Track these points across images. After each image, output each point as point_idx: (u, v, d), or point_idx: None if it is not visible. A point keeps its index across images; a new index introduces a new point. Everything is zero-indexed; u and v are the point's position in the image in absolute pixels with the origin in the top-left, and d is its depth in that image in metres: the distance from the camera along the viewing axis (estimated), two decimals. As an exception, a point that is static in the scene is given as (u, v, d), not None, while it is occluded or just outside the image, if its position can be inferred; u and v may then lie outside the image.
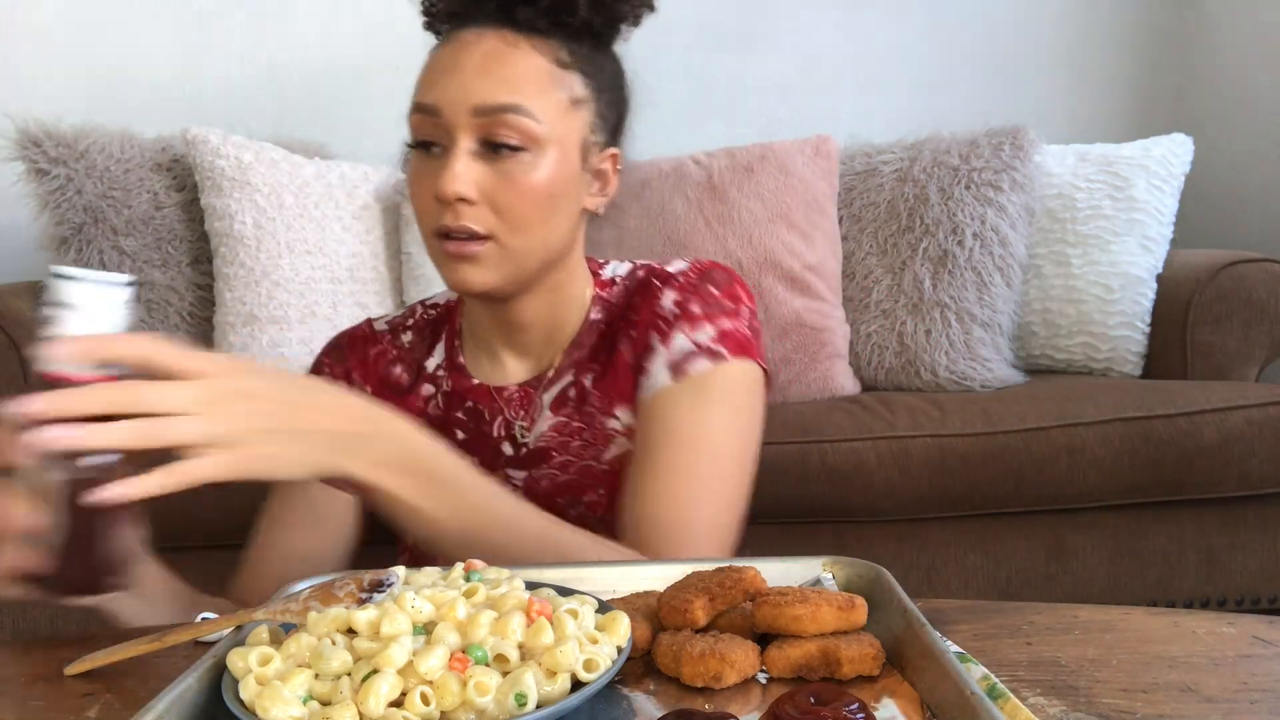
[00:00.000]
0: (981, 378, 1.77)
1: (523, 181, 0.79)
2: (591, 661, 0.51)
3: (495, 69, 0.79)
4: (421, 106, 0.81)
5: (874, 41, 2.39)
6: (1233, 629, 0.63)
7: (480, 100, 0.78)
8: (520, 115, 0.78)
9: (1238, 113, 2.25)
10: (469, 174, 0.78)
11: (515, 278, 0.83)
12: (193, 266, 1.85)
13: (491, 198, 0.79)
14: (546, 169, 0.80)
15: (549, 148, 0.80)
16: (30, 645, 0.67)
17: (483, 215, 0.79)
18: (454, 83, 0.79)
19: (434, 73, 0.81)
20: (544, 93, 0.80)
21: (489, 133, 0.78)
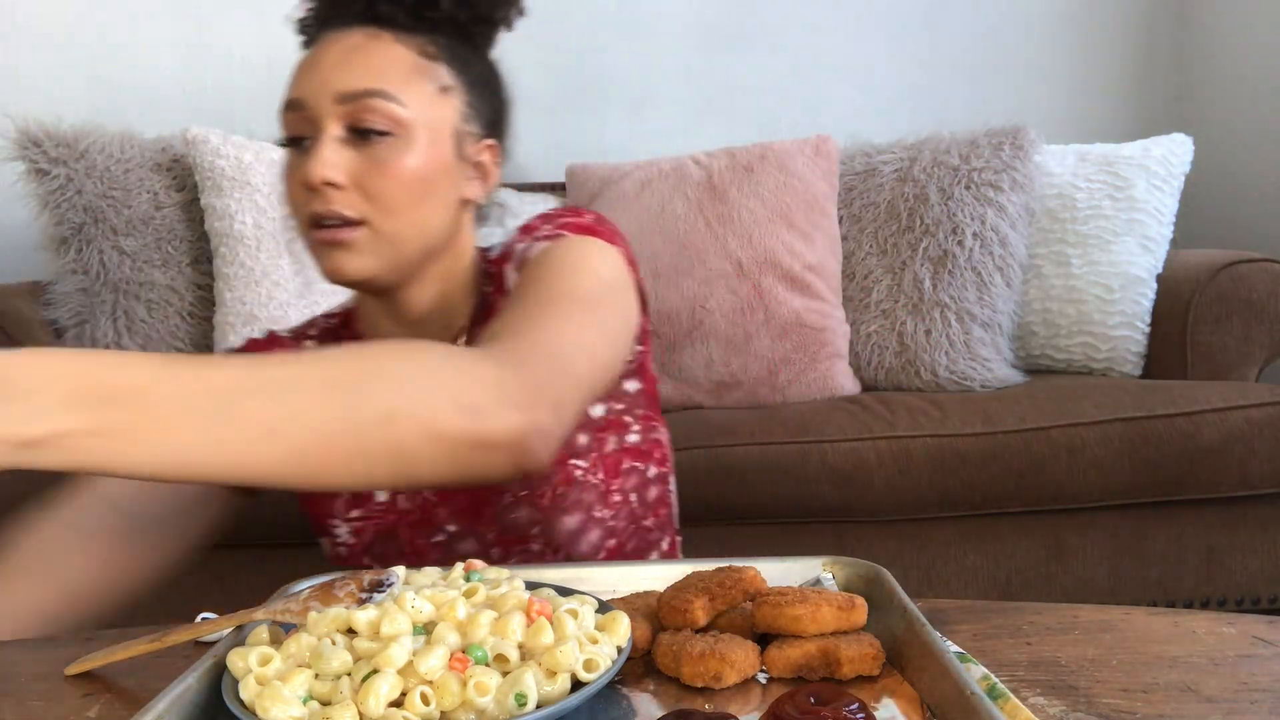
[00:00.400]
0: (981, 378, 1.77)
1: (392, 165, 0.78)
2: (591, 661, 0.51)
3: (356, 59, 0.79)
4: (289, 104, 0.80)
5: (874, 41, 2.39)
6: (1233, 629, 0.63)
7: (341, 87, 0.77)
8: (384, 99, 0.78)
9: (1238, 113, 2.25)
10: (337, 159, 0.77)
11: (393, 264, 0.80)
12: (193, 266, 1.85)
13: (361, 183, 0.77)
14: (416, 154, 0.79)
15: (417, 132, 0.79)
16: (30, 645, 0.67)
17: (353, 200, 0.78)
18: (316, 75, 0.79)
19: (298, 72, 0.81)
20: (409, 80, 0.79)
21: (354, 119, 0.77)
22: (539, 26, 2.21)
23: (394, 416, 0.56)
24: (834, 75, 2.39)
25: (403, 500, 0.87)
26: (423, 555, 0.87)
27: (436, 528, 0.87)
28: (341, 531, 0.89)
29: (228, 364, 0.54)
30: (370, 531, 0.88)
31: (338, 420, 0.55)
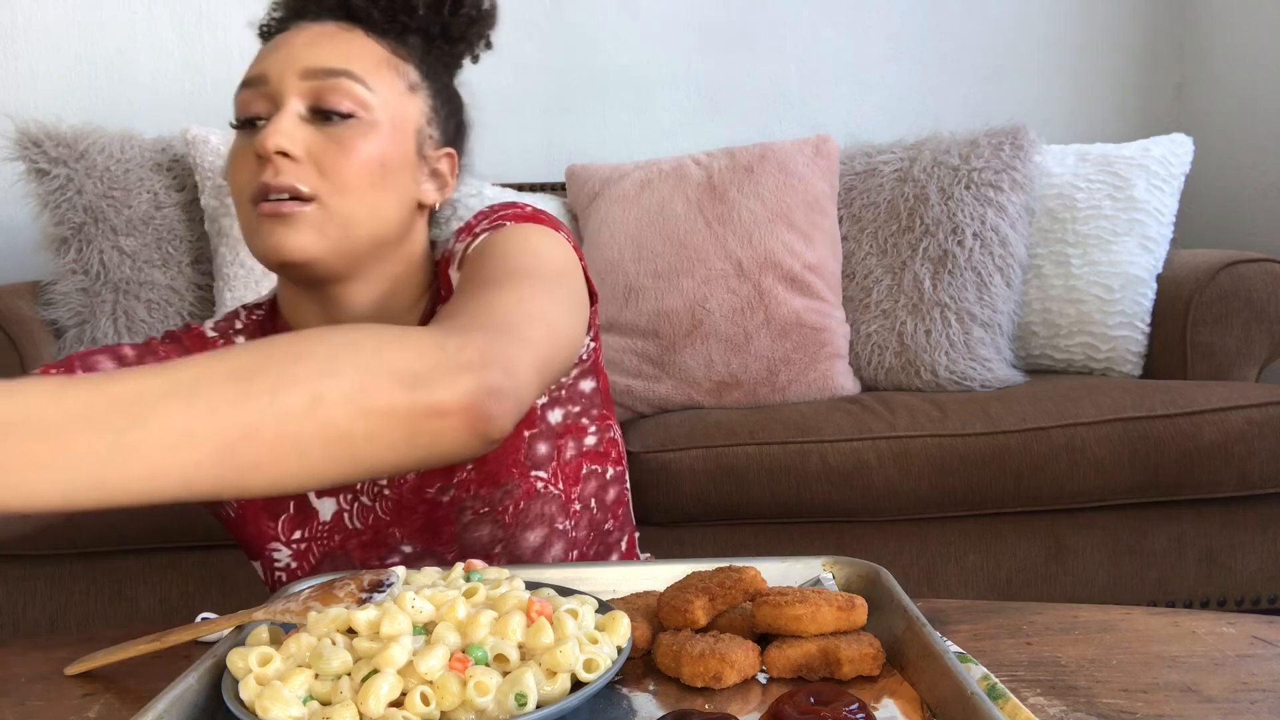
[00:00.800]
0: (981, 378, 1.77)
1: (352, 145, 0.74)
2: (591, 661, 0.51)
3: (328, 42, 0.77)
4: (248, 81, 0.77)
5: (874, 41, 2.40)
6: (1233, 629, 0.63)
7: (310, 63, 0.75)
8: (351, 80, 0.75)
9: (1238, 113, 2.25)
10: (295, 132, 0.73)
11: (339, 249, 0.75)
12: (193, 266, 1.85)
13: (317, 158, 0.74)
14: (378, 140, 0.76)
15: (381, 120, 0.76)
16: (30, 645, 0.67)
17: (306, 174, 0.73)
18: (281, 53, 0.76)
19: (262, 52, 0.78)
20: (378, 69, 0.77)
21: (318, 97, 0.75)
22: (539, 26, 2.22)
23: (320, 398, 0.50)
24: (834, 75, 2.39)
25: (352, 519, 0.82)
26: None
27: (391, 548, 0.83)
28: (282, 555, 0.84)
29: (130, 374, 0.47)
30: (316, 553, 0.83)
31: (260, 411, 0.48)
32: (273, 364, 0.50)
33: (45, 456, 0.44)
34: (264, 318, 0.89)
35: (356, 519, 0.83)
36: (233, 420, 0.48)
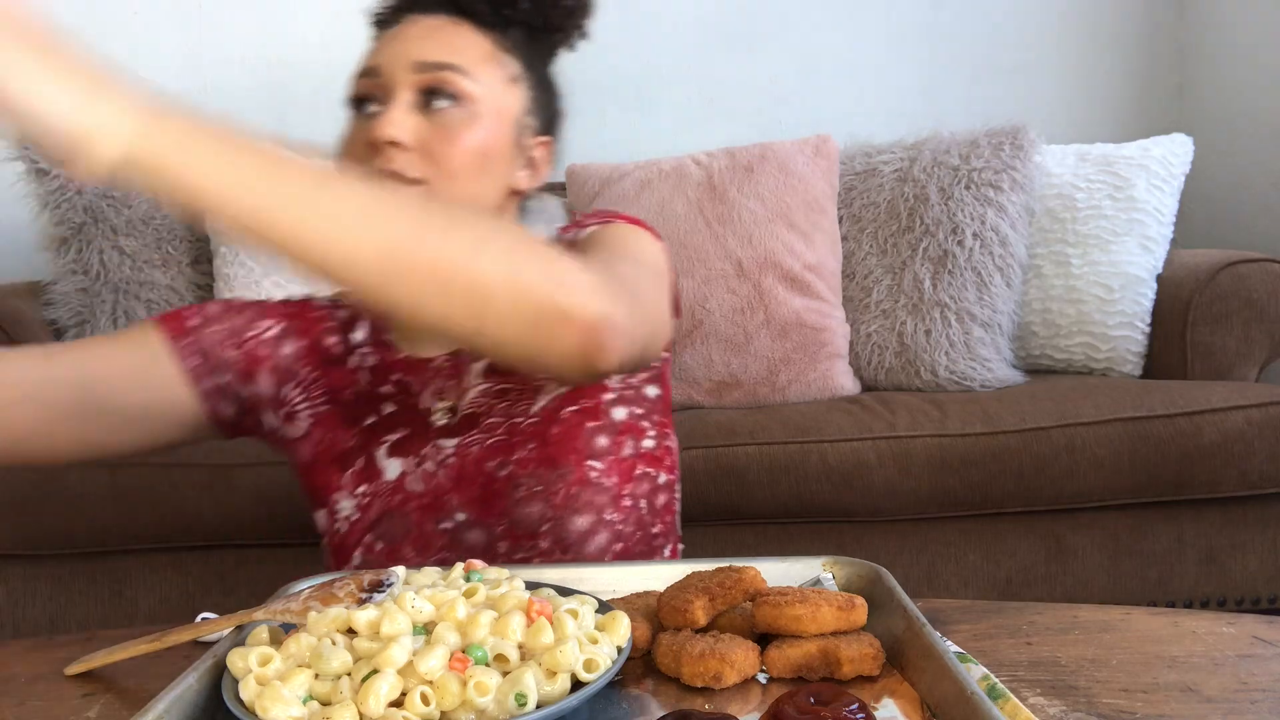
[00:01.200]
0: (981, 378, 1.77)
1: (457, 133, 0.81)
2: (591, 661, 0.51)
3: (437, 36, 0.83)
4: (363, 70, 0.84)
5: (874, 41, 2.39)
6: (1233, 629, 0.63)
7: (420, 57, 0.81)
8: (457, 73, 0.81)
9: (1238, 113, 2.25)
10: (406, 121, 0.80)
11: None
12: (193, 266, 1.85)
13: (425, 146, 0.80)
14: (480, 129, 0.82)
15: (484, 110, 0.82)
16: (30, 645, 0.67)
17: (415, 161, 0.80)
18: (395, 46, 0.83)
19: (377, 44, 0.85)
20: (483, 63, 0.83)
21: (426, 87, 0.81)
22: (539, 26, 2.21)
23: (484, 250, 0.58)
24: (834, 75, 2.39)
25: (413, 482, 0.87)
26: (428, 540, 0.86)
27: (446, 514, 0.87)
28: (344, 507, 0.88)
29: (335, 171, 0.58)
30: (376, 509, 0.87)
31: (433, 232, 0.57)
32: (457, 212, 0.61)
33: (262, 166, 0.56)
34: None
35: (419, 481, 0.87)
36: (409, 231, 0.57)
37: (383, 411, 0.89)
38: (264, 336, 0.89)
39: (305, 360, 0.90)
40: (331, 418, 0.89)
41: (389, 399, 0.89)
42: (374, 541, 0.87)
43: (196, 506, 1.48)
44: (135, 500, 1.47)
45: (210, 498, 1.48)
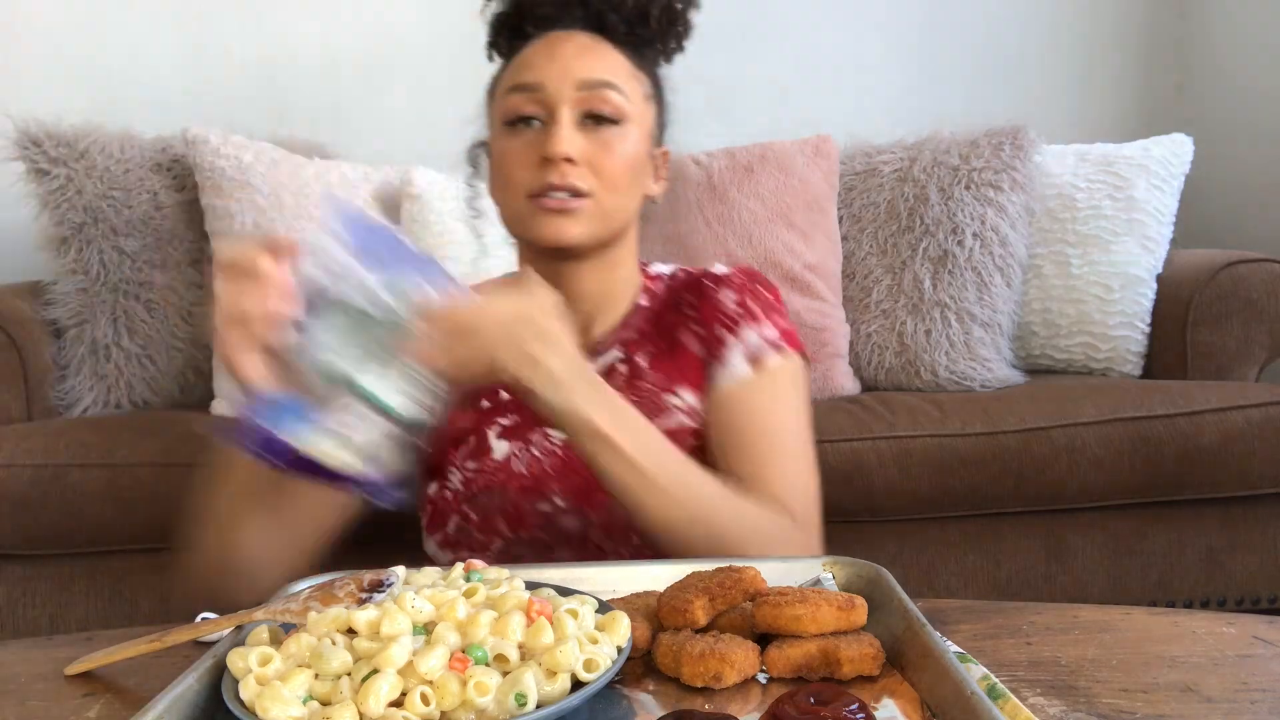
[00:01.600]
0: (981, 378, 1.77)
1: (617, 148, 0.90)
2: (591, 661, 0.51)
3: (592, 55, 0.91)
4: (524, 85, 0.90)
5: (874, 41, 2.39)
6: (1233, 629, 0.63)
7: (583, 75, 0.89)
8: (616, 91, 0.90)
9: (1238, 113, 2.25)
10: (575, 138, 0.88)
11: (601, 236, 0.91)
12: (193, 266, 1.85)
13: (591, 161, 0.88)
14: (632, 143, 0.91)
15: (633, 126, 0.91)
16: (30, 645, 0.67)
17: (584, 175, 0.88)
18: (556, 64, 0.89)
19: (532, 59, 0.91)
20: (629, 81, 0.92)
21: (589, 105, 0.89)
22: (539, 26, 2.21)
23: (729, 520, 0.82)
24: (834, 75, 2.39)
25: (518, 464, 0.94)
26: (523, 517, 0.92)
27: (545, 498, 0.92)
28: (453, 479, 0.95)
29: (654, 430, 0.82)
30: (479, 484, 0.94)
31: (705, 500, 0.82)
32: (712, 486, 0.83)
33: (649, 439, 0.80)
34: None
35: (524, 465, 0.94)
36: (696, 495, 0.81)
37: (499, 397, 0.97)
38: None
39: None
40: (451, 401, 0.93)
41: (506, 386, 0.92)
42: (469, 511, 0.93)
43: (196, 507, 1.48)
44: (135, 500, 1.47)
45: (210, 498, 1.48)
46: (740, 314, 0.96)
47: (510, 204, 0.92)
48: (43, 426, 1.60)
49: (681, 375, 0.95)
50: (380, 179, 1.93)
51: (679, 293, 1.00)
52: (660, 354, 0.97)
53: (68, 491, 1.47)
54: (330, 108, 2.27)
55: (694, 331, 0.97)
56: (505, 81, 0.92)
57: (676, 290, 1.01)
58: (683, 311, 0.98)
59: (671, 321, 0.98)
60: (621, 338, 0.98)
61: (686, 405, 0.94)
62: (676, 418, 0.94)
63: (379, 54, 2.29)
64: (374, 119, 2.30)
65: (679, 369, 0.96)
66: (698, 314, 0.98)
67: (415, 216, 1.83)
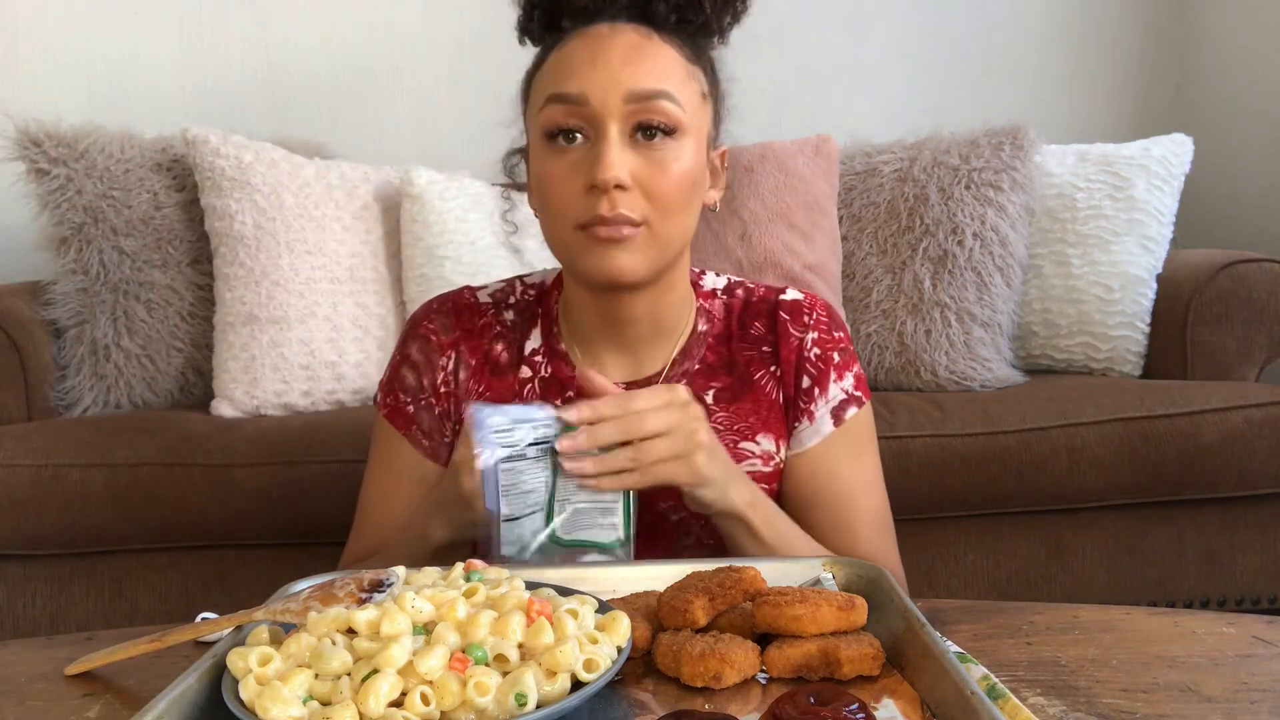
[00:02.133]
0: (981, 378, 1.77)
1: (673, 167, 0.79)
2: (591, 661, 0.51)
3: (642, 58, 0.79)
4: (565, 96, 0.79)
5: (874, 41, 2.39)
6: (1233, 629, 0.63)
7: (633, 86, 0.78)
8: (670, 101, 0.79)
9: (1238, 113, 2.25)
10: (625, 160, 0.78)
11: (658, 266, 0.83)
12: (193, 266, 1.85)
13: (644, 184, 0.79)
14: (689, 157, 0.81)
15: (689, 136, 0.81)
16: (30, 645, 0.67)
17: (637, 202, 0.79)
18: (601, 72, 0.78)
19: (573, 63, 0.79)
20: (684, 83, 0.81)
21: (640, 118, 0.78)
22: (539, 26, 2.21)
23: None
24: (834, 75, 2.39)
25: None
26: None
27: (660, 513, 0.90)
28: None
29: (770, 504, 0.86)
30: None
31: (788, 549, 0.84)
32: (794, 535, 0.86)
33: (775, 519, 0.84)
34: (534, 300, 0.95)
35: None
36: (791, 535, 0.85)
37: None
38: (447, 373, 0.92)
39: (475, 377, 0.92)
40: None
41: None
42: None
43: (196, 506, 1.48)
44: (135, 500, 1.47)
45: (210, 498, 1.48)
46: (825, 366, 0.91)
47: (555, 233, 0.83)
48: (43, 426, 1.60)
49: (761, 422, 0.90)
50: (380, 179, 1.93)
51: (746, 319, 0.93)
52: (731, 392, 0.91)
53: (68, 491, 1.47)
54: (330, 108, 2.27)
55: (772, 374, 0.91)
56: (543, 85, 0.81)
57: (741, 315, 0.93)
58: (756, 346, 0.92)
59: (742, 355, 0.92)
60: (684, 369, 0.91)
61: (763, 451, 0.90)
62: (749, 464, 0.90)
63: (379, 54, 2.29)
64: (374, 119, 2.30)
65: (757, 414, 0.90)
66: (775, 353, 0.91)
67: (415, 216, 1.83)
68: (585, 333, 0.91)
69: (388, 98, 2.30)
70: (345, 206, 1.86)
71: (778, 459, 0.91)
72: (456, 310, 0.94)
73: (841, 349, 0.93)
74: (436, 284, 1.80)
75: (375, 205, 1.90)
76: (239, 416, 1.70)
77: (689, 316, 0.92)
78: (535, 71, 0.85)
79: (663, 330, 0.90)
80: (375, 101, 2.30)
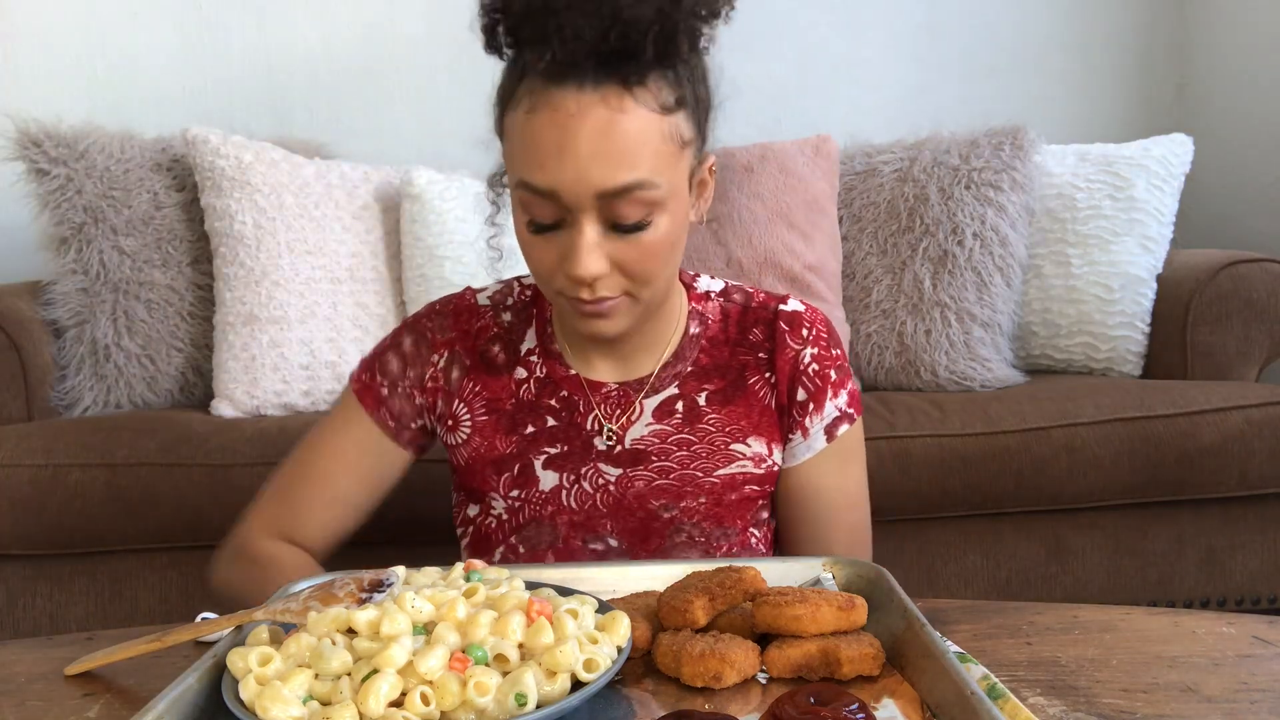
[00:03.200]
0: (981, 378, 1.77)
1: (650, 246, 0.79)
2: (591, 661, 0.51)
3: (610, 146, 0.74)
4: (535, 189, 0.76)
5: (874, 41, 2.39)
6: (1233, 629, 0.63)
7: (602, 185, 0.74)
8: (643, 190, 0.76)
9: (1238, 113, 2.25)
10: (600, 252, 0.77)
11: (644, 319, 0.87)
12: (193, 266, 1.85)
13: (622, 265, 0.79)
14: (668, 225, 0.79)
15: (669, 205, 0.79)
16: (30, 645, 0.67)
17: (615, 282, 0.80)
18: (568, 166, 0.74)
19: (541, 152, 0.75)
20: (659, 154, 0.77)
21: (614, 214, 0.76)
22: (539, 26, 2.21)
23: None
24: (834, 75, 2.39)
25: (568, 498, 0.90)
26: (573, 554, 0.90)
27: (598, 536, 0.90)
28: (498, 506, 0.92)
29: None
30: (525, 515, 0.91)
31: None
32: None
33: None
34: (529, 300, 0.97)
35: (573, 500, 0.90)
36: None
37: (545, 424, 0.91)
38: (437, 369, 0.94)
39: (470, 378, 0.93)
40: (490, 426, 0.92)
41: (553, 413, 0.92)
42: (517, 544, 0.91)
43: (196, 506, 1.48)
44: (135, 500, 1.47)
45: (210, 498, 1.48)
46: (822, 383, 0.92)
47: (541, 287, 0.85)
48: (43, 426, 1.60)
49: (753, 425, 0.91)
50: (380, 179, 1.93)
51: (745, 324, 0.94)
52: (723, 394, 0.91)
53: (68, 491, 1.47)
54: (330, 108, 2.27)
55: (766, 380, 0.92)
56: (513, 156, 0.79)
57: (740, 319, 0.94)
58: (753, 352, 0.93)
59: (737, 359, 0.93)
60: (676, 371, 0.92)
61: (754, 453, 0.91)
62: (740, 464, 0.90)
63: (379, 54, 2.29)
64: (374, 119, 2.30)
65: (749, 417, 0.91)
66: (770, 360, 0.92)
67: (415, 216, 1.83)
68: (576, 338, 0.92)
69: (388, 98, 2.30)
70: (345, 206, 1.86)
71: (769, 462, 0.91)
72: (456, 312, 0.96)
73: (839, 366, 0.93)
74: (436, 284, 1.80)
75: (375, 205, 1.90)
76: (239, 416, 1.70)
77: (680, 320, 0.94)
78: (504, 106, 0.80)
79: (655, 336, 0.92)
80: (375, 101, 2.30)
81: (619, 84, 0.74)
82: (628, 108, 0.75)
